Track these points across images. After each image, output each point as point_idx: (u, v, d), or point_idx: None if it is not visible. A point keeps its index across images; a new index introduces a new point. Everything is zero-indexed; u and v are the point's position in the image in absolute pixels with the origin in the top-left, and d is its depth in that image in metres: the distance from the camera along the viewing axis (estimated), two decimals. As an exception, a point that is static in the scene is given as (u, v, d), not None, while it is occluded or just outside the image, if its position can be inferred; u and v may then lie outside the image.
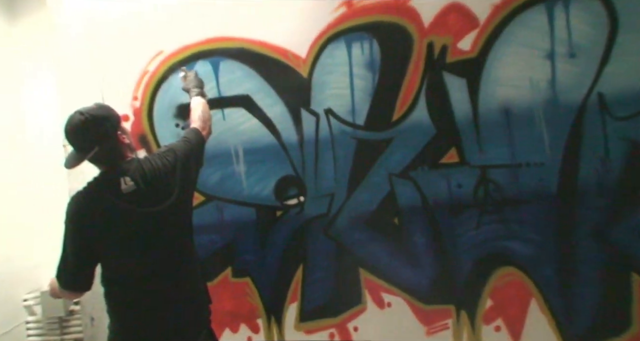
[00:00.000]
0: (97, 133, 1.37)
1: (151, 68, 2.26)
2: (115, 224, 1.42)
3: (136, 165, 1.47)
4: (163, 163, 1.52)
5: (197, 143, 1.68)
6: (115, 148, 1.45)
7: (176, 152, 1.58)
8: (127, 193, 1.41)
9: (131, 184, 1.42)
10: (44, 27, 2.42)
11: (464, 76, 1.99)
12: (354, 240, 2.12)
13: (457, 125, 2.01)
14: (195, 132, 1.71)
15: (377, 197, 2.10)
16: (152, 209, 1.45)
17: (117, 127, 1.45)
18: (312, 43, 2.11)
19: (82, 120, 1.37)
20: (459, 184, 2.03)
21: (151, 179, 1.46)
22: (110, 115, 1.46)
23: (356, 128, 2.09)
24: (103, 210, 1.41)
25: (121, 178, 1.42)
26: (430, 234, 2.07)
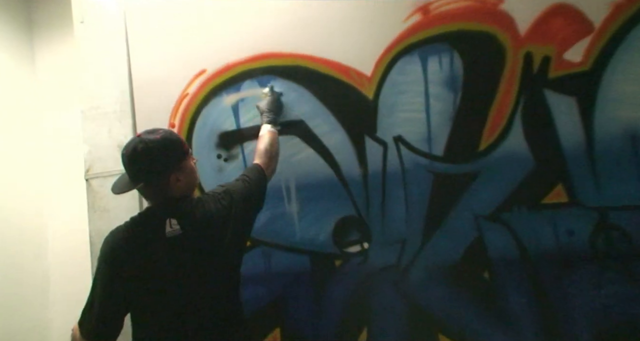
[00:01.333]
0: (147, 167, 1.28)
1: (191, 90, 2.01)
2: (154, 271, 1.28)
3: (187, 207, 1.34)
4: (217, 207, 1.38)
5: (258, 184, 1.54)
6: (164, 188, 1.32)
7: (233, 195, 1.44)
8: (171, 237, 1.28)
9: (177, 228, 1.29)
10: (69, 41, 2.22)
11: (573, 94, 1.63)
12: (432, 299, 1.77)
13: (564, 155, 1.64)
14: (257, 171, 1.57)
15: (460, 245, 1.74)
16: (198, 259, 1.30)
17: (173, 166, 1.32)
18: (378, 58, 1.82)
19: (137, 148, 1.28)
20: (570, 230, 1.63)
21: (201, 225, 1.33)
22: (171, 150, 1.32)
23: (433, 159, 1.77)
24: (142, 253, 1.28)
25: (167, 219, 1.29)
26: (532, 293, 1.66)
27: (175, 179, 1.32)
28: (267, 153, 1.64)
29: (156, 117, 2.04)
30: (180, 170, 1.33)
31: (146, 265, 1.28)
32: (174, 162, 1.32)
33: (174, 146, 1.34)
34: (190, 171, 1.39)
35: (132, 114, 2.06)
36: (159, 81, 2.06)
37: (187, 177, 1.37)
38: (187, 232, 1.30)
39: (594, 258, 1.60)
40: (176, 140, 1.36)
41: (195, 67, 2.00)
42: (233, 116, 1.96)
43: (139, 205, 1.96)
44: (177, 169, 1.32)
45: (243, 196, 1.45)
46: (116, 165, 1.99)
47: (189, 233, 1.30)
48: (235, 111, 1.96)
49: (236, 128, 1.96)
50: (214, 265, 1.33)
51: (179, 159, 1.34)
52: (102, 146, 2.03)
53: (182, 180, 1.33)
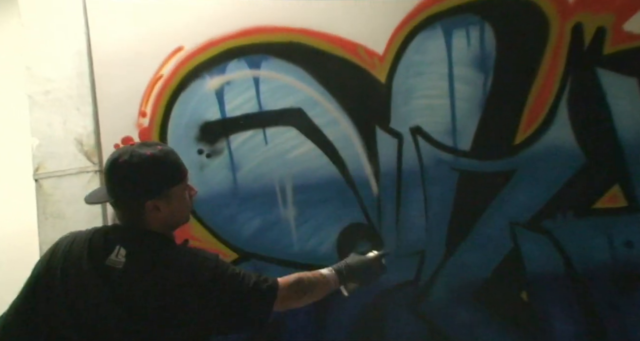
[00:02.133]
0: (120, 186, 1.14)
1: (166, 71, 1.72)
2: (72, 296, 1.10)
3: (152, 251, 1.13)
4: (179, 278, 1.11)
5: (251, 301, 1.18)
6: (137, 215, 1.16)
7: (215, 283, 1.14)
8: (110, 267, 1.10)
9: (121, 260, 1.10)
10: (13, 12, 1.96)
11: (634, 74, 1.37)
12: (457, 323, 1.51)
13: (621, 149, 1.38)
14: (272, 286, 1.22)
15: (492, 259, 1.49)
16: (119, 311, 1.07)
17: (154, 192, 1.14)
18: (393, 33, 1.55)
19: (119, 159, 1.14)
20: (628, 242, 1.38)
21: (149, 277, 1.09)
22: (159, 172, 1.15)
23: (459, 155, 1.51)
24: (72, 267, 1.12)
25: (118, 246, 1.12)
26: (580, 320, 1.41)
27: (154, 207, 1.14)
28: (299, 286, 1.28)
29: (123, 104, 1.76)
30: (164, 197, 1.15)
31: (72, 284, 1.11)
32: (157, 187, 1.14)
33: (165, 168, 1.16)
34: (178, 201, 1.19)
35: (92, 101, 1.78)
36: (126, 60, 1.79)
37: (171, 208, 1.17)
38: (129, 272, 1.09)
39: (659, 276, 1.34)
40: (171, 162, 1.18)
41: (171, 44, 1.72)
42: (217, 103, 1.69)
43: (102, 214, 1.67)
44: (159, 196, 1.14)
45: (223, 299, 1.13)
46: (74, 162, 1.73)
47: (130, 274, 1.09)
48: (219, 97, 1.69)
49: (221, 118, 1.69)
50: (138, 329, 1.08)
51: (167, 184, 1.16)
52: (55, 139, 1.76)
53: (162, 211, 1.15)
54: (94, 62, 1.80)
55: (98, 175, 1.70)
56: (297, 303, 1.28)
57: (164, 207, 1.15)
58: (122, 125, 1.73)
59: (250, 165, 1.65)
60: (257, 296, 1.17)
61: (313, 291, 1.30)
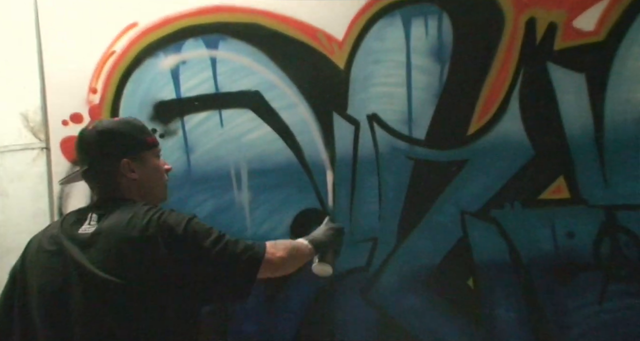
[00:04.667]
0: (95, 148, 1.12)
1: (118, 48, 1.65)
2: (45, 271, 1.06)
3: (122, 209, 1.07)
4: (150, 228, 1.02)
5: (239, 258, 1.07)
6: (108, 177, 1.13)
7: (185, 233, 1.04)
8: (81, 235, 1.05)
9: (93, 224, 1.06)
10: None
11: (583, 69, 1.40)
12: (407, 309, 1.52)
13: (568, 143, 1.41)
14: (253, 246, 1.11)
15: (442, 246, 1.51)
16: (95, 271, 1.00)
17: (126, 152, 1.14)
18: (353, 19, 1.53)
19: (88, 127, 1.16)
20: (571, 232, 1.41)
21: (118, 233, 1.03)
22: (128, 134, 1.15)
23: (414, 143, 1.52)
24: (44, 248, 1.08)
25: (90, 213, 1.09)
26: (523, 306, 1.44)
27: (128, 167, 1.12)
28: (281, 244, 1.21)
29: (72, 79, 1.69)
30: (138, 160, 1.15)
31: (43, 263, 1.06)
32: (131, 147, 1.14)
33: (136, 130, 1.17)
34: (152, 168, 1.17)
35: (39, 75, 1.69)
36: (76, 34, 1.71)
37: (146, 173, 1.16)
38: (101, 235, 1.03)
39: (597, 265, 1.39)
40: (141, 126, 1.20)
41: (124, 19, 1.66)
42: (172, 82, 1.64)
43: (48, 193, 1.60)
44: (134, 155, 1.14)
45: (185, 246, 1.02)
46: (19, 139, 1.64)
47: (102, 237, 1.03)
48: (175, 76, 1.64)
49: (176, 98, 1.64)
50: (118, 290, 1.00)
51: (140, 147, 1.16)
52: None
53: (137, 173, 1.14)
54: (41, 32, 1.71)
55: (45, 152, 1.63)
56: (278, 268, 1.18)
57: (138, 169, 1.13)
58: (71, 102, 1.66)
59: (205, 147, 1.61)
60: (244, 261, 1.06)
61: (295, 252, 1.24)
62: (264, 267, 1.09)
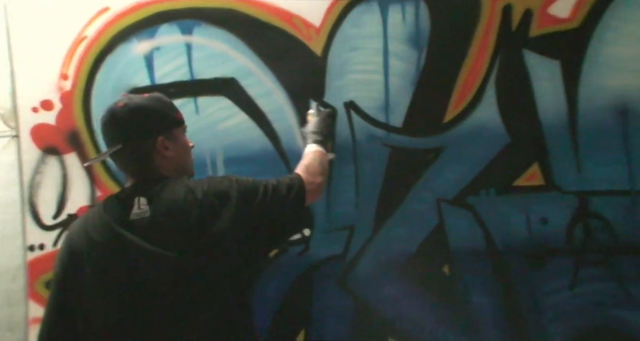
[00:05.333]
0: (128, 127, 1.08)
1: (90, 33, 1.61)
2: (108, 265, 1.03)
3: (170, 188, 1.07)
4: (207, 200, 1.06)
5: (287, 200, 1.16)
6: (145, 156, 1.10)
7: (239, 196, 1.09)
8: (136, 221, 1.03)
9: (145, 209, 1.04)
10: None
11: (558, 56, 1.40)
12: (383, 297, 1.52)
13: (543, 130, 1.42)
14: (293, 182, 1.20)
15: (418, 234, 1.51)
16: (167, 254, 1.01)
17: (161, 129, 1.12)
18: (330, 4, 1.52)
19: (118, 104, 1.10)
20: (544, 219, 1.42)
21: (179, 212, 1.04)
22: (161, 111, 1.13)
23: (391, 131, 1.51)
24: (97, 240, 1.04)
25: (136, 198, 1.05)
26: (498, 292, 1.45)
27: (163, 145, 1.11)
28: (311, 168, 1.29)
29: (42, 64, 1.64)
30: (171, 138, 1.13)
31: (101, 254, 1.04)
32: (164, 125, 1.13)
33: (167, 107, 1.16)
34: (182, 145, 1.17)
35: (8, 61, 1.64)
36: (46, 19, 1.66)
37: (178, 150, 1.15)
38: (157, 215, 1.03)
39: (570, 251, 1.40)
40: (170, 102, 1.17)
41: (96, 3, 1.62)
42: (146, 68, 1.60)
43: (19, 182, 1.56)
44: (168, 132, 1.12)
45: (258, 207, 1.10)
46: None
47: (159, 217, 1.03)
48: (148, 62, 1.60)
49: (150, 84, 1.61)
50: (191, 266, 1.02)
51: (171, 124, 1.15)
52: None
53: (171, 150, 1.12)
54: (8, 18, 1.66)
55: (15, 140, 1.59)
56: (320, 181, 1.29)
57: (171, 146, 1.12)
58: (41, 88, 1.62)
59: (180, 135, 1.59)
60: (294, 196, 1.16)
61: (323, 168, 1.32)
62: (308, 198, 1.21)
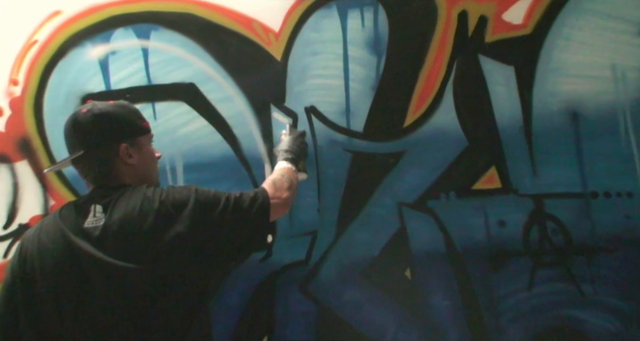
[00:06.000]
0: (90, 132, 1.06)
1: (41, 37, 1.56)
2: (59, 273, 0.99)
3: (127, 196, 1.04)
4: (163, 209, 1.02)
5: (249, 213, 1.10)
6: (106, 163, 1.07)
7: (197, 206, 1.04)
8: (90, 229, 0.99)
9: (100, 217, 1.00)
10: None
11: (512, 62, 1.43)
12: (345, 302, 1.52)
13: (499, 134, 1.44)
14: (257, 196, 1.14)
15: (380, 238, 1.51)
16: (120, 264, 0.97)
17: (124, 136, 1.09)
18: (289, 9, 1.51)
19: (81, 110, 1.08)
20: (502, 221, 1.45)
21: (133, 220, 1.00)
22: (125, 118, 1.10)
23: (351, 136, 1.51)
24: (49, 248, 1.00)
25: (93, 205, 1.02)
26: (457, 295, 1.47)
27: (126, 152, 1.08)
28: (278, 183, 1.23)
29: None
30: (136, 145, 1.10)
31: (51, 263, 0.99)
32: (129, 128, 1.10)
33: (132, 114, 1.12)
34: (147, 153, 1.14)
35: None
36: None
37: (142, 158, 1.11)
38: (111, 223, 0.99)
39: (527, 252, 1.43)
40: (135, 110, 1.14)
41: (46, 7, 1.56)
42: (101, 73, 1.56)
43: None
44: (132, 139, 1.09)
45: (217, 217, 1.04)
46: None
47: (113, 226, 0.99)
48: (103, 67, 1.56)
49: (105, 90, 1.57)
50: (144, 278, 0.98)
51: (136, 132, 1.12)
52: None
53: (134, 158, 1.09)
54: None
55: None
56: (285, 208, 1.23)
57: (135, 154, 1.09)
58: (-12, 94, 1.56)
59: (137, 141, 1.55)
60: (258, 209, 1.10)
61: (290, 184, 1.26)
62: (273, 213, 1.14)
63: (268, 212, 1.12)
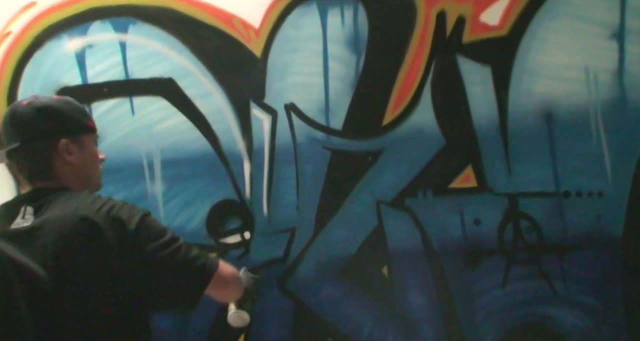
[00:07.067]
0: (30, 125, 0.99)
1: (15, 28, 1.53)
2: None
3: (63, 200, 0.95)
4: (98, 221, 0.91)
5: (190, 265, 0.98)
6: (42, 158, 0.99)
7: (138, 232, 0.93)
8: (15, 230, 0.92)
9: (29, 218, 0.93)
10: None
11: (489, 62, 1.44)
12: (323, 299, 1.53)
13: (475, 133, 1.46)
14: (208, 256, 1.02)
15: (358, 236, 1.52)
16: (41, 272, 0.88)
17: (65, 132, 1.01)
18: (269, 5, 1.50)
19: (21, 106, 1.00)
20: (477, 219, 1.46)
21: (59, 226, 0.91)
22: (67, 114, 1.02)
23: (330, 133, 1.52)
24: None
25: (23, 206, 0.95)
26: (433, 292, 1.48)
27: (66, 149, 1.00)
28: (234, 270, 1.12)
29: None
30: (77, 143, 1.02)
31: None
32: (71, 128, 1.02)
33: (77, 111, 1.05)
34: (90, 154, 1.05)
35: None
36: None
37: (83, 157, 1.03)
38: (40, 227, 0.91)
39: (501, 250, 1.45)
40: (81, 108, 1.07)
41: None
42: (77, 66, 1.54)
43: None
44: (72, 139, 1.01)
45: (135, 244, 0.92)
46: None
47: (42, 230, 0.91)
48: (80, 60, 1.54)
49: (82, 83, 1.55)
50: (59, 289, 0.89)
51: (80, 129, 1.04)
52: None
53: (74, 156, 1.01)
54: None
55: None
56: (223, 293, 1.11)
57: (76, 153, 1.01)
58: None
59: (114, 136, 1.54)
60: (194, 267, 0.97)
61: (240, 285, 1.17)
62: (215, 279, 1.01)
63: (211, 274, 0.99)
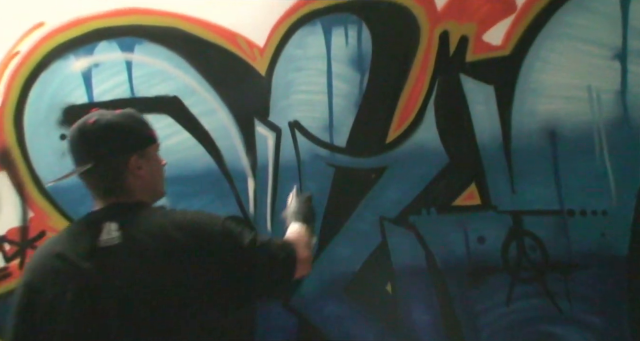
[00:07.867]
0: (100, 144, 1.00)
1: (23, 48, 1.55)
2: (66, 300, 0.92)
3: (146, 215, 1.01)
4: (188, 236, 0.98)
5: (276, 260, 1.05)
6: (117, 176, 1.02)
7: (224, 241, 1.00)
8: (104, 248, 0.95)
9: (116, 235, 0.95)
10: None
11: (492, 82, 1.46)
12: (327, 316, 1.53)
13: (479, 151, 1.47)
14: (283, 247, 1.09)
15: (361, 253, 1.52)
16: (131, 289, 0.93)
17: (134, 148, 1.04)
18: (274, 25, 1.52)
19: (89, 120, 1.01)
20: (481, 237, 1.47)
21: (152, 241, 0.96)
22: (135, 128, 1.05)
23: (334, 151, 1.53)
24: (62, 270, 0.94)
25: (106, 223, 0.97)
26: (437, 310, 1.48)
27: (136, 164, 1.03)
28: (302, 242, 1.17)
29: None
30: (144, 156, 1.05)
31: (60, 287, 0.93)
32: (139, 139, 1.05)
33: (140, 124, 1.07)
34: (156, 163, 1.09)
35: None
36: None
37: (151, 169, 1.06)
38: (128, 243, 0.95)
39: (505, 268, 1.45)
40: (143, 119, 1.09)
41: (30, 18, 1.56)
42: (84, 85, 1.56)
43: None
44: (142, 150, 1.04)
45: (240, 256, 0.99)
46: None
47: (131, 246, 0.95)
48: (86, 79, 1.56)
49: (88, 102, 1.57)
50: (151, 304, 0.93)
51: (145, 142, 1.07)
52: None
53: (144, 169, 1.04)
54: None
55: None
56: (306, 268, 1.14)
57: (145, 166, 1.04)
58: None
59: (120, 153, 1.55)
60: (279, 260, 1.04)
61: (310, 243, 1.21)
62: (298, 267, 1.08)
63: (295, 263, 1.07)
